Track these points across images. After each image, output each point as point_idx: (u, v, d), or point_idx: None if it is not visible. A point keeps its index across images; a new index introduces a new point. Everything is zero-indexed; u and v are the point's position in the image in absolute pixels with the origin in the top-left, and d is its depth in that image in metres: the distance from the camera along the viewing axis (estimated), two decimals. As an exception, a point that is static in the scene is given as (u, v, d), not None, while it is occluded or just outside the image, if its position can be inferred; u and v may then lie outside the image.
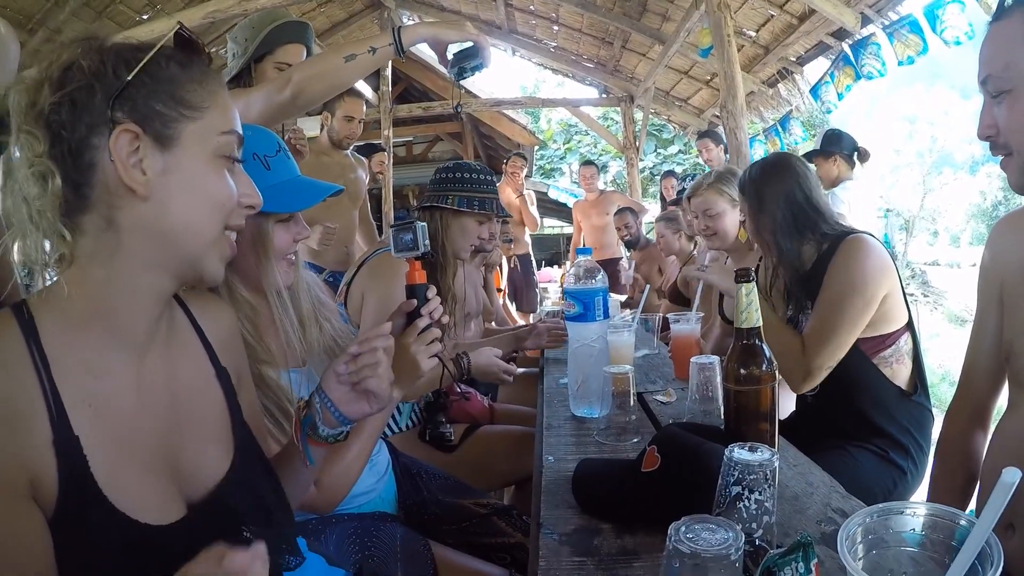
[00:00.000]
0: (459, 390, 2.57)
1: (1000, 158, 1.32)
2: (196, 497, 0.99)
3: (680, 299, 4.51)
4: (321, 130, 4.50)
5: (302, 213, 1.59)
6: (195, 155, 0.94)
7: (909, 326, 2.15)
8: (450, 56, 2.01)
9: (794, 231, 2.17)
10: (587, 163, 8.09)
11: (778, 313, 2.26)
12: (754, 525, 0.99)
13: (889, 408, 2.11)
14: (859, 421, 2.12)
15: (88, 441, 0.85)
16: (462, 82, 2.22)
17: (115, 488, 0.86)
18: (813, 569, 0.83)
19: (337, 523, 1.60)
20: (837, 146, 4.84)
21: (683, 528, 0.77)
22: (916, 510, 0.79)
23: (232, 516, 1.00)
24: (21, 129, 0.88)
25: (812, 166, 2.45)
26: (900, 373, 2.12)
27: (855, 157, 4.87)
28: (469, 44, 1.99)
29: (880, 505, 0.80)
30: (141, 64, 0.90)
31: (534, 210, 7.69)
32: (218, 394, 1.09)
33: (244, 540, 0.95)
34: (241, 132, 1.01)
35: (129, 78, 0.89)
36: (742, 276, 1.32)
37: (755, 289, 1.33)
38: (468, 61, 2.01)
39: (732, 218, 2.93)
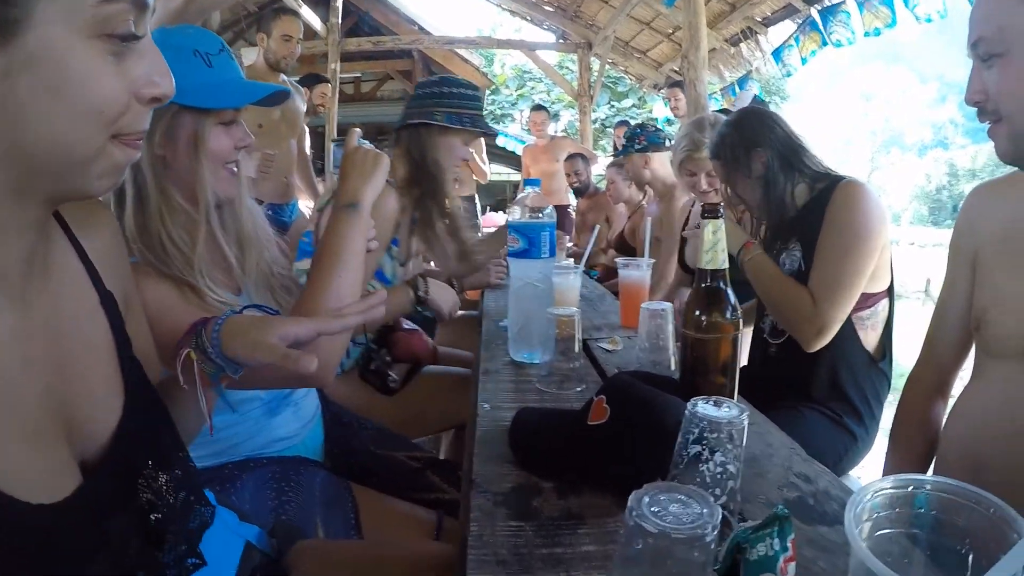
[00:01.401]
0: (405, 326, 2.41)
1: (988, 125, 1.27)
2: (89, 455, 0.80)
3: (626, 249, 4.41)
4: (258, 55, 4.38)
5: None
6: (54, 41, 0.65)
7: (890, 291, 2.10)
8: None
9: (786, 169, 2.13)
10: (538, 108, 7.91)
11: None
12: (717, 491, 0.85)
13: (855, 371, 2.07)
14: (823, 380, 2.07)
15: None
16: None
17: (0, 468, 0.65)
18: (790, 546, 0.70)
19: (255, 467, 1.49)
20: None
21: (646, 499, 0.62)
22: (929, 485, 0.67)
23: (132, 474, 0.81)
24: None
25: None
26: (871, 338, 2.09)
27: None
28: None
29: (888, 478, 0.67)
30: None
31: (484, 158, 7.49)
32: (103, 325, 0.87)
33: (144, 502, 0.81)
34: None
35: None
36: (709, 212, 1.17)
37: (723, 227, 1.18)
38: None
39: None
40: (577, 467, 1.07)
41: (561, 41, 10.21)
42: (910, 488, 0.68)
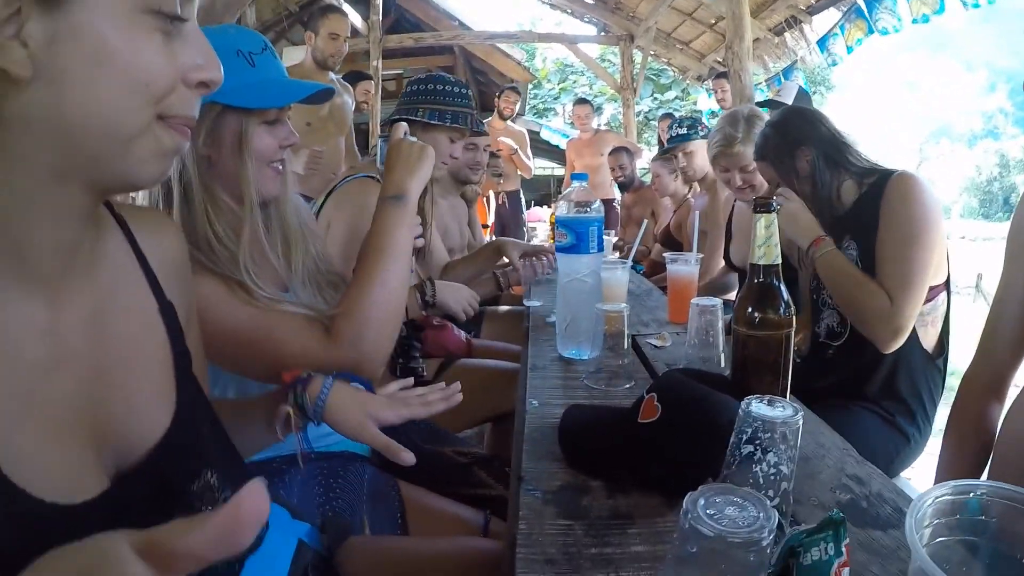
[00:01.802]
0: (435, 322, 2.43)
1: None
2: (125, 465, 0.77)
3: (672, 243, 4.37)
4: (306, 54, 4.43)
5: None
6: (101, 11, 0.64)
7: (947, 284, 2.04)
8: None
9: (832, 167, 2.09)
10: (581, 101, 7.84)
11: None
12: (769, 492, 0.84)
13: (913, 371, 2.01)
14: (880, 380, 2.01)
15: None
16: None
17: (12, 458, 0.64)
18: (844, 551, 0.69)
19: (304, 462, 1.48)
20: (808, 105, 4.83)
21: (702, 502, 0.61)
22: (984, 491, 0.65)
23: (167, 488, 0.79)
24: None
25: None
26: (930, 335, 2.03)
27: None
28: None
29: (950, 483, 0.65)
30: None
31: (528, 153, 7.48)
32: (161, 335, 0.85)
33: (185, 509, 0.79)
34: None
35: None
36: (762, 207, 1.15)
37: (775, 221, 1.16)
38: None
39: None
40: (627, 466, 1.06)
41: (602, 34, 10.13)
42: (970, 494, 0.66)
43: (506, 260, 2.76)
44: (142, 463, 0.78)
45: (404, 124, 1.58)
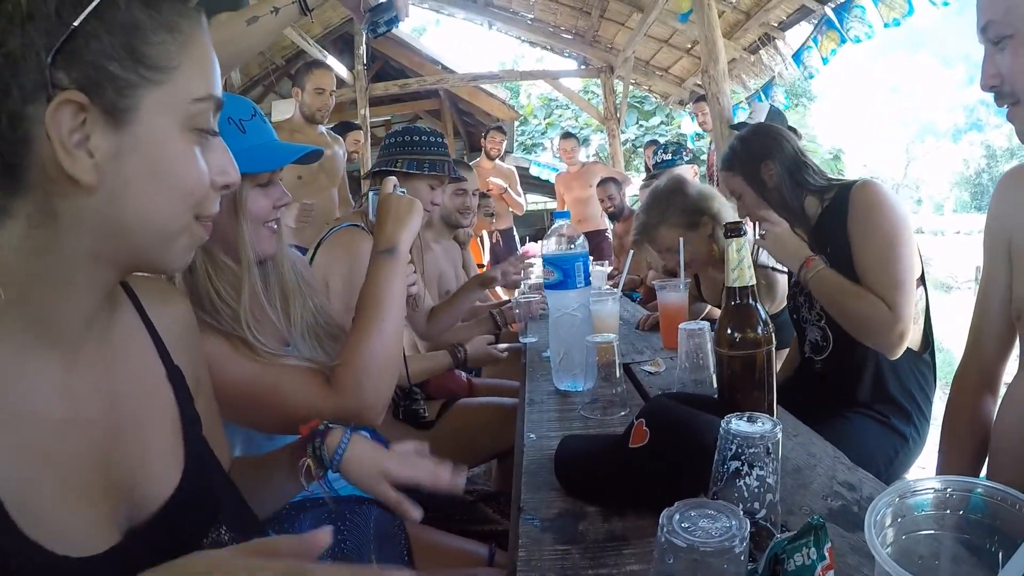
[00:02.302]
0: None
1: (1006, 109, 1.26)
2: (136, 520, 0.82)
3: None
4: (295, 109, 4.52)
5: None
6: (158, 130, 0.73)
7: (923, 280, 2.04)
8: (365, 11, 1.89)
9: (794, 186, 2.13)
10: (566, 136, 7.92)
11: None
12: (756, 504, 0.88)
13: (899, 370, 2.03)
14: (868, 383, 2.04)
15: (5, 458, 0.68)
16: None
17: (27, 512, 0.68)
18: (827, 554, 0.72)
19: (311, 507, 1.52)
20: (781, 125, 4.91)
21: (676, 516, 0.65)
22: (950, 487, 0.68)
23: (177, 543, 0.82)
24: None
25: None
26: (914, 334, 2.02)
27: None
28: None
29: (909, 482, 0.68)
30: (93, 3, 0.67)
31: (518, 190, 7.54)
32: (168, 398, 0.92)
33: None
34: (221, 95, 0.81)
35: (76, 23, 0.66)
36: (732, 231, 1.20)
37: (747, 244, 1.21)
38: (382, 15, 1.88)
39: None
40: (621, 490, 1.09)
41: (583, 67, 10.25)
42: (920, 492, 0.69)
43: (496, 299, 2.82)
44: (153, 518, 0.83)
45: (394, 178, 1.63)
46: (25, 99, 0.66)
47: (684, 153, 4.34)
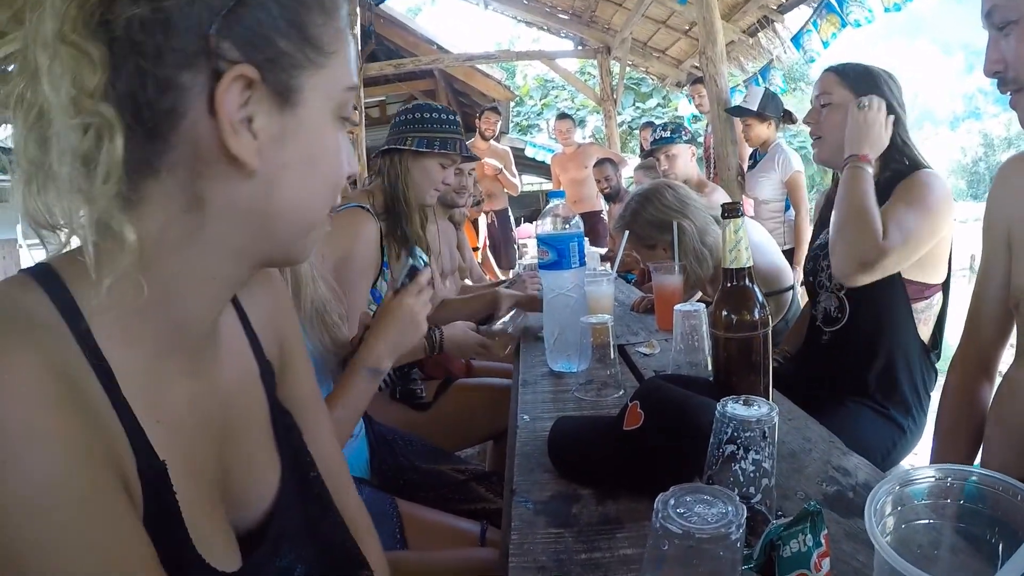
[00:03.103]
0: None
1: (1009, 96, 1.25)
2: (244, 526, 0.80)
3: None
4: None
5: None
6: (317, 116, 0.69)
7: (945, 286, 1.99)
8: None
9: (900, 129, 1.98)
10: (562, 116, 7.88)
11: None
12: (751, 489, 0.87)
13: (911, 361, 1.97)
14: (879, 370, 1.97)
15: (172, 469, 0.65)
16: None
17: (195, 529, 0.66)
18: (823, 541, 0.71)
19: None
20: (774, 110, 5.02)
21: (672, 501, 0.64)
22: (951, 476, 0.67)
23: (280, 545, 0.81)
24: (62, 39, 0.56)
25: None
26: (924, 332, 1.99)
27: (780, 121, 5.10)
28: None
29: (909, 470, 0.67)
30: None
31: (513, 171, 7.51)
32: (261, 397, 0.87)
33: None
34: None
35: None
36: (729, 211, 1.18)
37: (744, 226, 1.19)
38: None
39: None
40: (615, 473, 1.08)
41: (580, 48, 10.19)
42: (920, 480, 0.67)
43: (493, 279, 2.79)
44: (260, 525, 0.81)
45: (424, 267, 1.57)
46: (180, 65, 0.59)
47: (683, 132, 4.31)
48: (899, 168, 1.95)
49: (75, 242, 0.62)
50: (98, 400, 0.60)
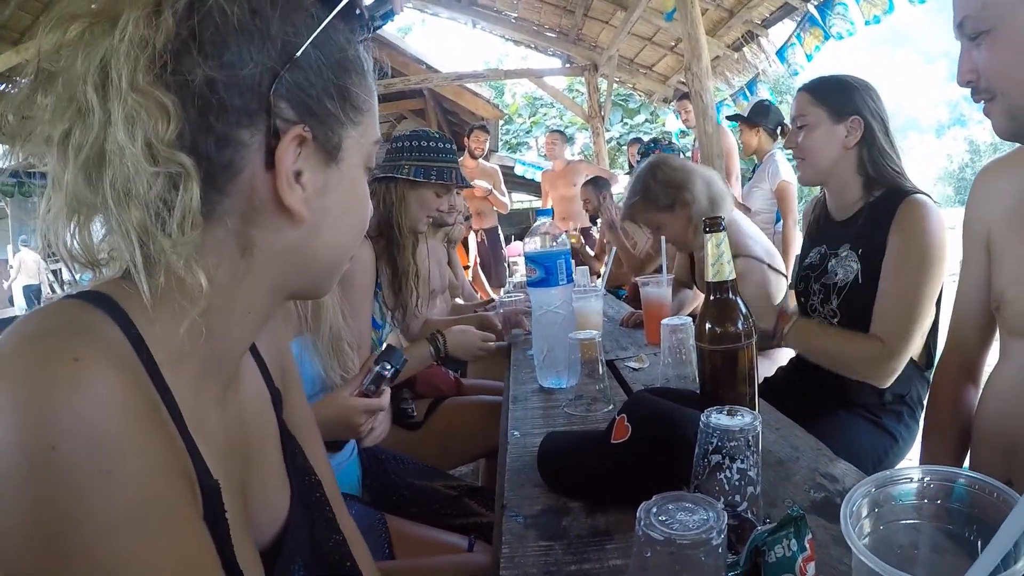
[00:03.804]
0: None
1: (983, 104, 1.27)
2: (259, 546, 0.81)
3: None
4: None
5: None
6: (353, 169, 0.75)
7: (938, 300, 1.96)
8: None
9: (876, 152, 1.99)
10: (553, 131, 7.93)
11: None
12: (737, 497, 0.88)
13: (901, 380, 1.94)
14: (867, 388, 1.96)
15: (224, 489, 0.67)
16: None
17: (237, 548, 0.68)
18: (808, 546, 0.72)
19: None
20: (764, 118, 5.07)
21: (654, 509, 0.65)
22: (928, 477, 0.68)
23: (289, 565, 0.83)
24: (133, 87, 0.58)
25: None
26: (917, 346, 1.96)
27: (777, 131, 5.10)
28: None
29: (886, 472, 0.68)
30: (325, 21, 0.66)
31: (503, 189, 7.53)
32: (273, 423, 0.90)
33: None
34: None
35: (308, 42, 0.65)
36: (711, 226, 1.20)
37: (725, 239, 1.21)
38: (377, 9, 1.87)
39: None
40: (603, 485, 1.09)
41: (567, 65, 10.26)
42: (900, 482, 0.69)
43: (484, 297, 2.80)
44: (274, 545, 0.84)
45: (387, 394, 1.60)
46: (240, 122, 0.63)
47: (672, 148, 4.37)
48: (882, 195, 1.96)
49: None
50: (167, 418, 0.62)
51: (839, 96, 2.00)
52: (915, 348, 1.87)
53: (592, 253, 5.66)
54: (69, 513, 0.50)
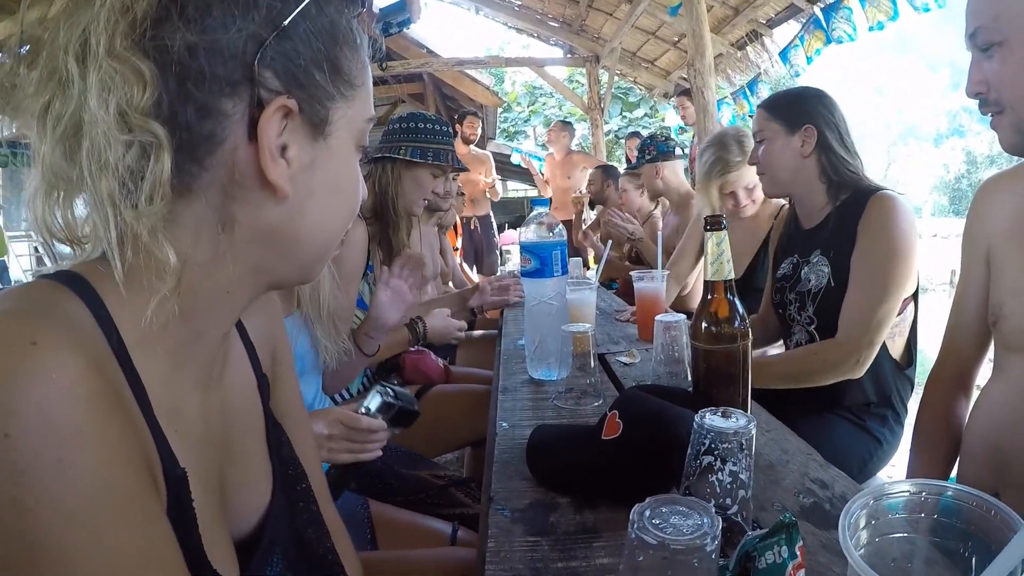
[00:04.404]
0: (412, 349, 2.45)
1: (990, 117, 1.26)
2: (238, 536, 0.80)
3: (637, 259, 4.40)
4: None
5: None
6: (343, 146, 0.71)
7: (915, 296, 2.04)
8: (376, 9, 1.86)
9: (834, 159, 2.04)
10: (558, 121, 7.99)
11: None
12: (728, 500, 0.87)
13: (882, 380, 2.03)
14: (849, 389, 2.01)
15: (194, 478, 0.65)
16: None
17: (205, 538, 0.66)
18: (798, 553, 0.71)
19: None
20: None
21: (648, 512, 0.64)
22: (925, 491, 0.67)
23: (270, 553, 0.81)
24: (111, 53, 0.56)
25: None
26: (897, 344, 2.04)
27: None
28: None
29: (883, 485, 0.67)
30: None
31: (494, 175, 7.53)
32: (259, 411, 0.87)
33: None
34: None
35: (293, 14, 0.62)
36: (712, 224, 1.19)
37: (726, 238, 1.20)
38: (395, 16, 1.86)
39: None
40: (593, 482, 1.08)
41: (569, 56, 10.24)
42: (896, 494, 0.68)
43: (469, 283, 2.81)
44: (253, 534, 0.81)
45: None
46: (222, 92, 0.60)
47: (675, 148, 4.33)
48: (847, 198, 2.02)
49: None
50: (130, 404, 0.60)
51: (791, 108, 2.09)
52: (878, 339, 1.91)
53: (583, 228, 5.64)
54: (20, 501, 0.49)
